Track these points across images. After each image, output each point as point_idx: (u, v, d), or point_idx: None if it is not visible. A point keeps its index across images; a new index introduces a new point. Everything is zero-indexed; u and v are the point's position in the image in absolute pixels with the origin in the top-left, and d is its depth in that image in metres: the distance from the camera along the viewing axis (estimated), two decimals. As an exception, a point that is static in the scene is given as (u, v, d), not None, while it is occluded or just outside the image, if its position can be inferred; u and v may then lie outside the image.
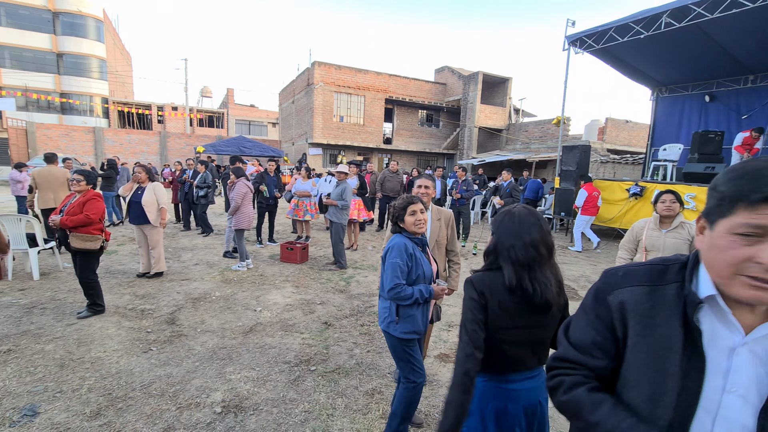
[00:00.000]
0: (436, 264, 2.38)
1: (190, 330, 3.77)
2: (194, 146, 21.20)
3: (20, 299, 4.31)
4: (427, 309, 2.28)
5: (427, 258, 2.31)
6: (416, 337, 2.22)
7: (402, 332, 2.18)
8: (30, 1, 27.26)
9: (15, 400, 2.59)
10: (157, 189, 5.10)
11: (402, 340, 2.20)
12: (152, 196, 5.00)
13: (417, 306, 2.19)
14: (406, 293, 2.12)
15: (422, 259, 2.22)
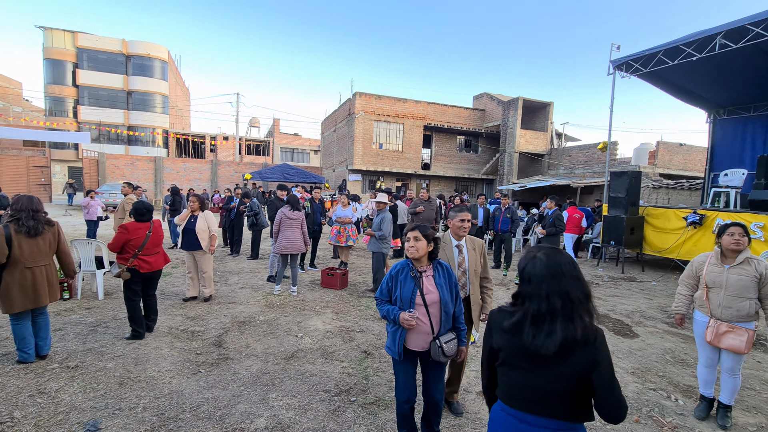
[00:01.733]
0: (438, 292, 2.36)
1: (236, 353, 3.90)
2: (242, 173, 22.44)
3: (87, 317, 4.69)
4: (402, 332, 2.33)
5: (419, 285, 2.33)
6: (392, 354, 2.38)
7: (386, 344, 2.46)
8: (108, 47, 30.85)
9: (80, 414, 2.79)
10: (209, 217, 5.43)
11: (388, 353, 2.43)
12: (204, 223, 5.33)
13: (393, 325, 2.37)
14: (381, 308, 2.41)
15: (403, 283, 2.35)
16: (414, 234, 2.36)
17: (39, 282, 3.45)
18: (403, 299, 2.33)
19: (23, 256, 3.35)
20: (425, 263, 2.40)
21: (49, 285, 3.53)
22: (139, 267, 4.11)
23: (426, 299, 2.31)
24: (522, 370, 1.46)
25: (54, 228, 3.61)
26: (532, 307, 1.41)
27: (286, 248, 5.85)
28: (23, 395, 3.00)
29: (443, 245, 3.03)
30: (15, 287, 3.33)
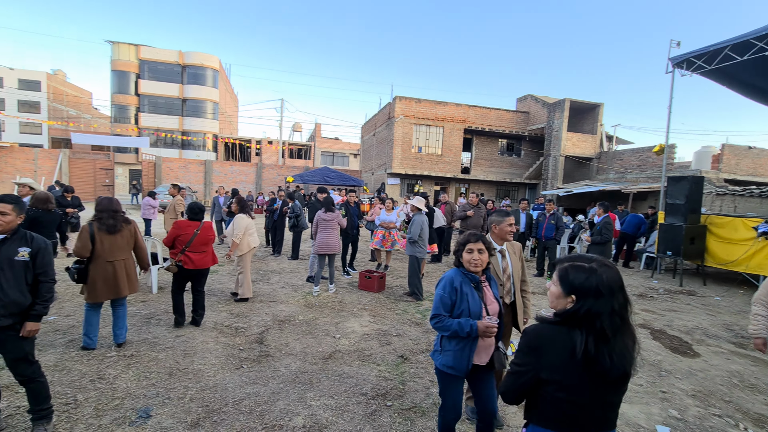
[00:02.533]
0: (498, 304, 2.31)
1: (276, 351, 4.00)
2: (285, 176, 23.21)
3: (142, 310, 5.01)
4: (472, 347, 2.20)
5: (481, 296, 2.25)
6: (454, 373, 2.21)
7: (442, 364, 2.25)
8: (166, 58, 33.15)
9: (134, 401, 2.98)
10: (236, 221, 5.50)
11: (441, 371, 2.27)
12: (231, 227, 5.51)
13: (460, 341, 2.18)
14: (445, 324, 2.18)
15: (470, 296, 2.22)
16: (478, 246, 2.25)
17: (119, 274, 3.75)
18: (472, 313, 2.19)
19: (104, 251, 3.68)
20: (481, 274, 2.32)
21: (127, 278, 3.84)
22: (184, 263, 4.38)
23: (489, 311, 2.23)
24: (582, 394, 1.32)
25: (131, 226, 3.94)
26: (599, 324, 1.28)
27: (322, 249, 5.98)
28: (85, 380, 3.24)
29: None
30: (99, 279, 3.66)
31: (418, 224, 6.02)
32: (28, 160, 21.91)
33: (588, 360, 1.27)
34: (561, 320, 1.36)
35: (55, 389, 2.97)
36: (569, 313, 1.34)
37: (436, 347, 2.33)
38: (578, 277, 1.34)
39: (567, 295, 1.36)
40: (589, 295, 1.31)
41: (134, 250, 4.01)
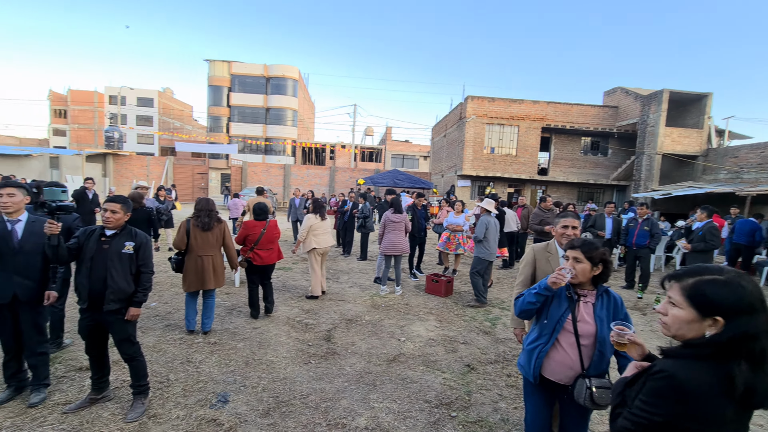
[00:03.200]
0: (596, 326, 1.93)
1: (342, 349, 4.08)
2: (356, 179, 23.92)
3: (225, 302, 5.47)
4: (543, 350, 2.00)
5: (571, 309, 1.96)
6: (525, 375, 2.10)
7: (518, 361, 2.20)
8: (253, 71, 36.29)
9: (215, 386, 3.24)
10: (305, 221, 5.79)
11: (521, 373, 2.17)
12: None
13: (536, 338, 2.06)
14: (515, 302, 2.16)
15: (557, 300, 2.02)
16: (574, 254, 1.96)
17: (207, 268, 4.17)
18: (549, 317, 2.01)
19: (197, 246, 4.13)
20: (588, 287, 2.01)
21: (214, 272, 4.24)
22: (252, 259, 4.76)
23: (579, 329, 1.93)
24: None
25: (221, 225, 4.34)
26: (758, 347, 1.04)
27: (389, 249, 6.01)
28: (177, 362, 3.61)
29: (548, 255, 2.69)
30: (191, 271, 4.12)
31: (483, 224, 5.76)
32: (142, 166, 25.46)
33: (744, 395, 1.03)
34: (712, 352, 1.08)
35: (152, 368, 3.35)
36: (721, 341, 1.06)
37: None
38: (721, 293, 1.09)
39: (705, 318, 1.10)
40: (743, 313, 1.06)
41: (223, 247, 4.40)
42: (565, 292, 2.00)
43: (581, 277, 1.95)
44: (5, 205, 2.77)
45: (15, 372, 2.93)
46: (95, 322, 2.74)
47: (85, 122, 45.20)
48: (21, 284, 2.79)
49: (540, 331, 2.05)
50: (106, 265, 2.69)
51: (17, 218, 2.83)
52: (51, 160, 19.25)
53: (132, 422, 2.69)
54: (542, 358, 2.00)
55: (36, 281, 2.85)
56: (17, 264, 2.78)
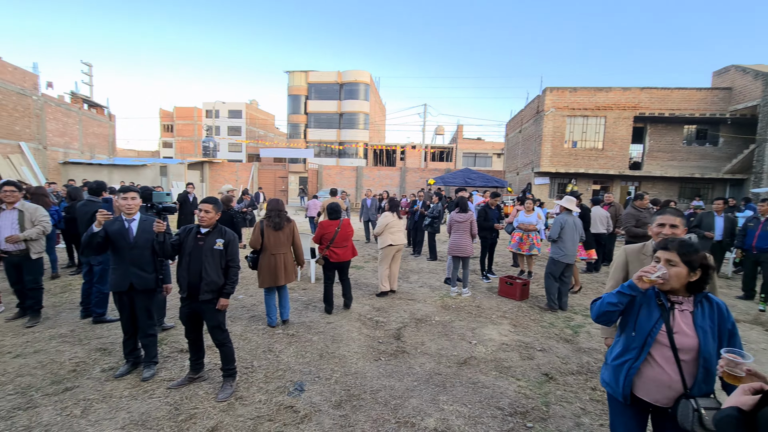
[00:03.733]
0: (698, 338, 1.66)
1: (412, 349, 4.08)
2: (426, 179, 23.82)
3: (302, 296, 5.80)
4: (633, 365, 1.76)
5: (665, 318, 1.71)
6: (612, 393, 1.87)
7: (602, 378, 1.97)
8: (328, 79, 38.11)
9: (292, 375, 3.45)
10: (381, 218, 5.92)
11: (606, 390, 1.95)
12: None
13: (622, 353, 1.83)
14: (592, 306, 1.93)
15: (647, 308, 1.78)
16: (668, 255, 1.71)
17: (279, 266, 4.47)
18: (638, 328, 1.76)
19: (270, 245, 4.45)
20: (683, 294, 1.74)
21: (285, 269, 4.52)
22: (329, 257, 4.93)
23: (676, 341, 1.67)
24: None
25: (291, 224, 4.63)
26: None
27: (454, 251, 5.88)
28: (260, 350, 3.92)
29: (643, 258, 2.37)
30: (265, 268, 4.45)
31: (558, 223, 5.34)
32: (232, 172, 28.17)
33: None
34: None
35: (238, 354, 3.67)
36: None
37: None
38: None
39: None
40: None
41: (292, 246, 4.67)
42: (655, 299, 1.75)
43: (674, 282, 1.69)
44: (129, 207, 3.26)
45: (132, 349, 3.42)
46: (192, 310, 3.09)
47: (187, 134, 51.36)
48: (136, 275, 3.25)
49: (627, 345, 1.81)
50: (201, 260, 3.02)
51: (132, 218, 3.32)
52: (161, 169, 22.25)
53: (222, 402, 2.97)
54: (633, 376, 1.77)
55: (148, 272, 3.31)
56: (133, 257, 3.24)
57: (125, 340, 3.42)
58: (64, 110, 20.76)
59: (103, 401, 2.94)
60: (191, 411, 2.85)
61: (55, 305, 5.06)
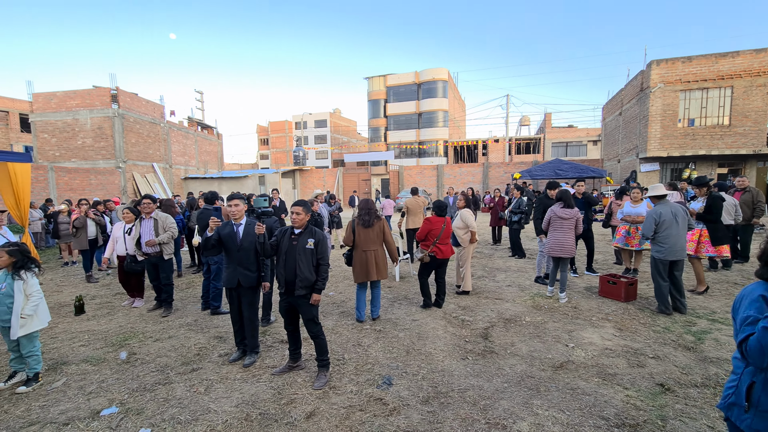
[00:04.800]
0: None
1: (501, 349, 3.92)
2: (511, 173, 22.64)
3: (387, 294, 5.95)
4: None
5: None
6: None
7: (751, 428, 1.42)
8: (405, 81, 38.52)
9: (380, 368, 3.56)
10: (464, 215, 5.71)
11: None
12: (459, 221, 5.67)
13: None
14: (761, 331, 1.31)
15: None
16: None
17: (371, 262, 4.66)
18: None
19: (361, 242, 4.67)
20: None
21: (377, 266, 4.69)
22: (436, 253, 4.94)
23: None
24: None
25: (381, 222, 4.78)
26: None
27: (555, 250, 5.37)
28: (350, 344, 4.12)
29: None
30: (357, 264, 4.68)
31: (651, 219, 4.68)
32: (320, 177, 30.08)
33: None
34: None
35: (331, 347, 3.91)
36: None
37: (737, 398, 1.52)
38: None
39: None
40: None
41: (384, 243, 4.80)
42: None
43: None
44: (234, 213, 3.70)
45: (241, 339, 3.86)
46: (289, 304, 3.38)
47: (280, 146, 56.21)
48: (242, 273, 3.66)
49: None
50: (295, 258, 3.28)
51: (239, 222, 3.75)
52: (259, 179, 24.73)
53: (318, 390, 3.20)
54: None
55: (252, 271, 3.70)
56: (240, 258, 3.66)
57: (235, 330, 3.87)
58: (183, 133, 24.28)
59: (221, 382, 3.37)
60: (291, 396, 3.12)
61: (182, 299, 5.94)
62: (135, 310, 5.51)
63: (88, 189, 16.22)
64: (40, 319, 3.44)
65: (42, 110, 19.06)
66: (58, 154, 19.10)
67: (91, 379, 3.47)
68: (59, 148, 19.10)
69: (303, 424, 2.75)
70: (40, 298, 3.40)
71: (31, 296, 3.32)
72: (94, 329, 4.77)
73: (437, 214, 5.10)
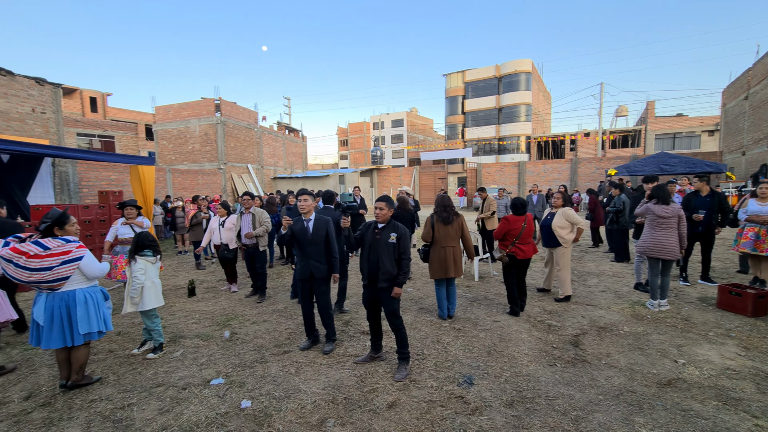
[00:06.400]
0: None
1: (594, 359, 3.60)
2: (605, 169, 20.59)
3: (466, 293, 5.82)
4: None
5: None
6: None
7: None
8: (485, 75, 37.24)
9: (461, 367, 3.51)
10: (568, 213, 5.30)
11: None
12: (561, 220, 5.25)
13: None
14: None
15: None
16: None
17: (448, 259, 4.63)
18: None
19: (440, 238, 4.67)
20: None
21: (454, 263, 4.64)
22: (515, 253, 4.73)
23: None
24: None
25: (459, 219, 4.73)
26: None
27: (654, 251, 4.76)
28: (428, 340, 4.13)
29: None
30: (435, 260, 4.69)
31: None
32: (396, 176, 30.50)
33: None
34: None
35: (410, 341, 3.95)
36: None
37: None
38: None
39: None
40: None
41: (462, 239, 4.74)
42: None
43: None
44: (303, 207, 3.93)
45: (312, 329, 4.06)
46: (372, 295, 3.50)
47: (359, 146, 58.20)
48: (314, 266, 3.86)
49: None
50: (378, 252, 3.38)
51: (309, 218, 3.96)
52: (339, 178, 25.94)
53: (398, 381, 3.26)
54: None
55: (322, 263, 3.87)
56: (311, 251, 3.86)
57: (306, 320, 4.03)
58: (273, 137, 26.42)
59: (309, 365, 3.62)
60: (373, 385, 3.23)
61: (273, 287, 6.48)
62: (235, 294, 6.16)
63: (196, 188, 18.50)
64: (147, 300, 3.85)
65: (161, 120, 22.22)
66: (174, 158, 22.09)
67: (202, 353, 3.97)
68: (174, 153, 22.10)
69: (385, 413, 2.83)
70: (141, 282, 3.79)
71: (134, 279, 3.80)
72: (203, 309, 5.44)
73: (515, 213, 4.85)
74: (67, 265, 3.07)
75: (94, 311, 3.24)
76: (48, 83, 11.22)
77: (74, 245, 3.16)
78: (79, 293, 3.20)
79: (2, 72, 9.94)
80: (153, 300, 3.91)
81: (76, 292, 3.19)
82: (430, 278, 4.79)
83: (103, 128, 26.71)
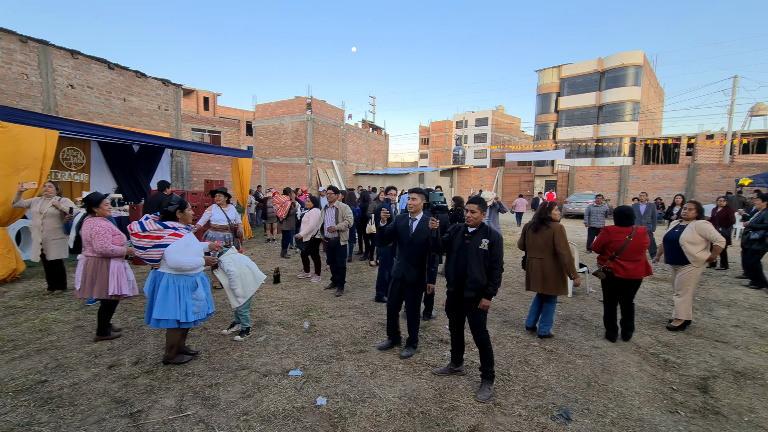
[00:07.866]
0: None
1: (732, 413, 2.90)
2: (735, 178, 17.38)
3: (559, 311, 5.19)
4: None
5: None
6: None
7: None
8: (585, 70, 34.01)
9: (554, 397, 3.07)
10: (703, 226, 4.39)
11: None
12: (694, 235, 4.39)
13: None
14: None
15: None
16: None
17: (535, 270, 4.17)
18: None
19: (528, 247, 4.26)
20: None
21: (543, 277, 4.12)
22: (614, 270, 4.06)
23: None
24: None
25: (551, 228, 4.09)
26: None
27: None
28: (515, 359, 3.72)
29: None
30: (527, 270, 4.29)
31: None
32: (477, 177, 29.36)
33: None
34: None
35: (494, 358, 3.59)
36: None
37: None
38: None
39: None
40: None
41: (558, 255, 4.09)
42: None
43: None
44: (411, 206, 3.74)
45: (394, 329, 3.89)
46: (457, 304, 3.23)
47: (440, 145, 57.44)
48: (407, 268, 3.66)
49: None
50: (467, 258, 3.10)
51: (415, 217, 3.76)
52: (419, 176, 25.77)
53: (481, 402, 2.96)
54: None
55: (416, 267, 3.66)
56: (408, 252, 3.67)
57: (389, 319, 3.88)
58: (357, 134, 27.20)
59: (385, 369, 3.48)
60: (453, 402, 2.97)
61: (351, 282, 6.53)
62: (315, 285, 6.32)
63: (285, 180, 19.79)
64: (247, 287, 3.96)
65: (260, 118, 24.21)
66: (268, 152, 23.94)
67: (283, 341, 4.07)
68: (269, 148, 23.94)
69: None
70: (234, 272, 3.84)
71: (228, 273, 3.86)
72: (286, 297, 5.65)
73: (618, 224, 4.14)
74: (158, 249, 3.27)
75: (173, 299, 3.25)
76: (172, 84, 12.81)
77: (168, 231, 3.32)
78: (165, 278, 3.29)
79: (138, 74, 11.57)
80: (252, 283, 4.00)
81: (164, 276, 3.30)
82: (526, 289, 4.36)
83: (213, 124, 30.01)
